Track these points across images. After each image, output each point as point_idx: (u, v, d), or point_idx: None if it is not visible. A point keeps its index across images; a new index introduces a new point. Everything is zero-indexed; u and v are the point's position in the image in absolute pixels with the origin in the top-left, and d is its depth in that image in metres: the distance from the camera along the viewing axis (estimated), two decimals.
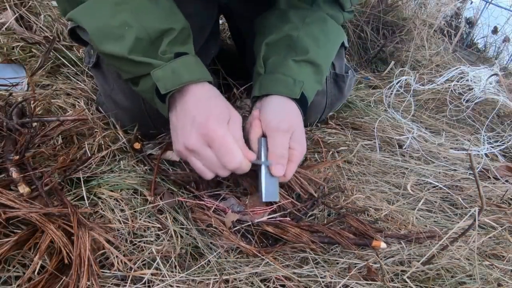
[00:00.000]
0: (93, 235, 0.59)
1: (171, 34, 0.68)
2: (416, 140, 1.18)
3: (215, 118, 0.64)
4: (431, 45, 1.87)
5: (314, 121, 1.14)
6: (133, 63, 0.66)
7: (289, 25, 0.84)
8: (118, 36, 0.65)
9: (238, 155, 0.65)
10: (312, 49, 0.82)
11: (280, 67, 0.80)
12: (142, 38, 0.66)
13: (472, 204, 0.94)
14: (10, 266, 0.55)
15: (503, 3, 2.29)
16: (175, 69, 0.66)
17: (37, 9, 1.24)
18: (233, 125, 0.67)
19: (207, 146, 0.65)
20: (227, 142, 0.64)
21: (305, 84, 0.78)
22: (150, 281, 0.59)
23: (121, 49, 0.65)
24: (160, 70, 0.66)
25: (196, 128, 0.64)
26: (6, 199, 0.59)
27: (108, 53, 0.67)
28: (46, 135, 0.79)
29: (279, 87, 0.77)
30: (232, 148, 0.64)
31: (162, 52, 0.67)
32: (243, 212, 0.71)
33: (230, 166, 0.65)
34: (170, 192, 0.75)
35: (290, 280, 0.63)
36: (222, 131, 0.64)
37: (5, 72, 0.98)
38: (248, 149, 0.69)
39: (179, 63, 0.67)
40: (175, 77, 0.66)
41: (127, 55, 0.65)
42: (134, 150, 0.82)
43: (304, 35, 0.83)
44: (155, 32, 0.66)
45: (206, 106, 0.66)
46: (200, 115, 0.65)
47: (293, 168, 0.73)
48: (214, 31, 1.00)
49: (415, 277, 0.67)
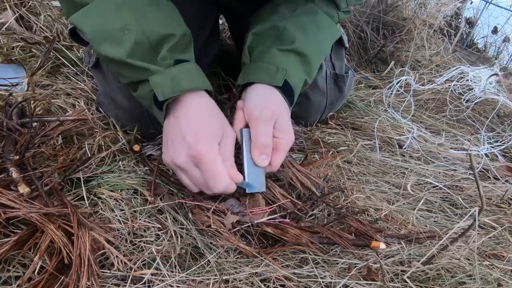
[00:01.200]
0: (93, 235, 0.59)
1: (172, 40, 0.67)
2: (416, 140, 1.18)
3: (206, 139, 0.64)
4: (431, 45, 1.87)
5: (314, 121, 1.14)
6: (131, 68, 0.66)
7: (277, 15, 0.84)
8: (118, 39, 0.65)
9: (223, 180, 0.64)
10: (299, 39, 0.81)
11: (264, 56, 0.79)
12: (141, 43, 0.65)
13: (472, 204, 0.94)
14: (10, 266, 0.55)
15: (503, 3, 2.29)
16: (175, 76, 0.65)
17: (37, 9, 1.24)
18: (225, 143, 0.67)
19: (194, 166, 0.64)
20: (214, 166, 0.63)
21: (289, 72, 0.77)
22: (150, 281, 0.59)
23: (119, 52, 0.64)
24: (159, 76, 0.65)
25: (186, 148, 0.63)
26: (6, 199, 0.59)
27: (107, 56, 0.66)
28: (46, 135, 0.79)
29: (261, 74, 0.76)
30: (219, 174, 0.63)
31: (161, 58, 0.66)
32: (242, 213, 0.71)
33: (215, 190, 0.65)
34: (170, 193, 0.75)
35: (290, 280, 0.63)
36: (211, 154, 0.63)
37: (5, 72, 0.98)
38: (236, 171, 0.67)
39: (179, 70, 0.66)
40: (174, 84, 0.65)
41: (125, 59, 0.64)
42: (134, 152, 0.82)
43: (292, 25, 0.82)
44: (155, 37, 0.66)
45: (197, 123, 0.65)
46: (191, 133, 0.64)
47: (280, 157, 0.71)
48: (214, 31, 1.00)
49: (415, 277, 0.67)
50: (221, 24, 1.43)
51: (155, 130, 0.87)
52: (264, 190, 0.72)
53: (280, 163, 0.72)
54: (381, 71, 1.71)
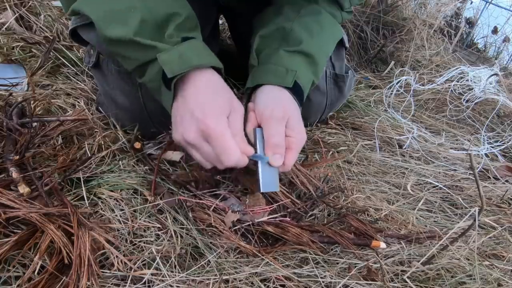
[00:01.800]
0: (93, 235, 0.59)
1: (178, 18, 0.67)
2: (416, 140, 1.18)
3: (214, 113, 0.63)
4: (431, 45, 1.87)
5: (314, 121, 1.14)
6: (139, 47, 0.65)
7: (283, 17, 0.84)
8: (124, 19, 0.64)
9: (234, 154, 0.63)
10: (305, 40, 0.81)
11: (272, 58, 0.79)
12: (148, 21, 0.65)
13: (472, 204, 0.94)
14: (10, 266, 0.55)
15: (503, 3, 2.29)
16: (183, 53, 0.64)
17: (37, 9, 1.24)
18: (233, 117, 0.66)
19: (205, 141, 0.64)
20: (224, 140, 0.63)
21: (298, 73, 0.77)
22: (150, 281, 0.59)
23: (126, 31, 0.64)
24: (166, 53, 0.64)
25: (195, 123, 0.63)
26: (6, 199, 0.59)
27: (114, 37, 0.65)
28: (46, 135, 0.79)
29: (270, 76, 0.76)
30: (229, 147, 0.63)
31: (168, 36, 0.66)
32: (243, 211, 0.71)
33: (227, 163, 0.64)
34: (170, 192, 0.75)
35: (290, 280, 0.63)
36: (220, 128, 0.62)
37: (5, 72, 0.98)
38: (247, 144, 0.67)
39: (186, 47, 0.65)
40: (182, 61, 0.64)
41: (133, 36, 0.64)
42: (135, 150, 0.82)
43: (297, 26, 0.82)
44: (161, 15, 0.65)
45: (205, 99, 0.65)
46: (199, 109, 0.63)
47: (293, 156, 0.71)
48: (213, 31, 1.00)
49: (415, 277, 0.67)
50: (221, 24, 1.43)
51: (155, 129, 0.87)
52: (278, 189, 0.72)
53: (293, 162, 0.72)
54: (381, 71, 1.71)
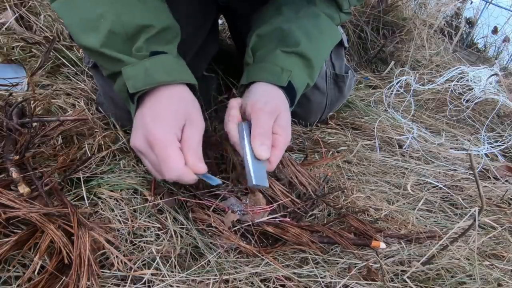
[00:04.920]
0: (93, 235, 0.59)
1: (150, 31, 0.65)
2: (416, 140, 1.18)
3: (162, 122, 0.61)
4: (431, 45, 1.87)
5: (314, 121, 1.14)
6: (105, 58, 0.64)
7: (282, 17, 0.83)
8: (94, 28, 0.63)
9: (175, 166, 0.60)
10: (303, 42, 0.80)
11: (268, 57, 0.79)
12: (117, 33, 0.63)
13: (472, 204, 0.94)
14: (10, 266, 0.55)
15: (503, 3, 2.29)
16: (148, 69, 0.62)
17: (37, 9, 1.24)
18: (190, 131, 0.63)
19: (151, 150, 0.62)
20: (166, 151, 0.60)
21: (293, 74, 0.76)
22: (150, 281, 0.59)
23: (93, 41, 0.63)
24: (131, 68, 0.62)
25: (143, 131, 0.62)
26: (6, 199, 0.59)
27: (84, 46, 0.65)
28: (46, 135, 0.79)
29: (266, 74, 0.76)
30: (170, 160, 0.60)
31: (136, 49, 0.64)
32: (243, 211, 0.71)
33: (166, 175, 0.61)
34: (170, 192, 0.75)
35: (290, 280, 0.63)
36: (164, 138, 0.60)
37: (5, 72, 0.98)
38: (201, 161, 0.63)
39: (153, 62, 0.63)
40: (147, 77, 0.62)
41: (99, 48, 0.63)
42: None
43: (296, 28, 0.81)
44: (132, 27, 0.63)
45: (159, 108, 0.63)
46: (150, 118, 0.62)
47: (277, 154, 0.68)
48: (213, 31, 1.00)
49: (415, 277, 0.67)
50: (221, 24, 1.43)
51: None
52: (267, 185, 0.67)
53: (278, 160, 0.70)
54: (381, 71, 1.71)
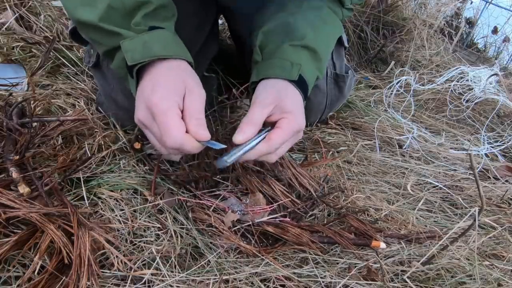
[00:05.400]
0: (93, 235, 0.59)
1: (148, 7, 0.65)
2: (416, 140, 1.18)
3: (162, 90, 0.60)
4: (431, 45, 1.87)
5: (314, 121, 1.14)
6: (103, 33, 0.64)
7: (286, 12, 0.83)
8: (92, 3, 0.63)
9: (176, 133, 0.58)
10: (309, 34, 0.80)
11: (276, 52, 0.78)
12: (116, 8, 0.63)
13: (472, 204, 0.94)
14: (10, 266, 0.55)
15: (503, 3, 2.29)
16: (147, 42, 0.63)
17: (37, 9, 1.24)
18: (190, 99, 0.62)
19: (153, 120, 0.61)
20: (166, 119, 0.58)
21: (303, 67, 0.76)
22: (150, 281, 0.59)
23: (92, 16, 0.63)
24: (130, 41, 0.63)
25: (144, 101, 0.61)
26: (6, 199, 0.59)
27: (80, 20, 0.65)
28: (46, 135, 0.79)
29: (276, 70, 0.75)
30: (170, 126, 0.58)
31: (135, 24, 0.64)
32: (243, 211, 0.71)
33: (167, 144, 0.59)
34: (170, 192, 0.75)
35: (290, 280, 0.63)
36: (164, 105, 0.59)
37: (5, 72, 0.98)
38: (204, 128, 0.61)
39: (152, 36, 0.64)
40: (145, 50, 0.62)
41: (97, 22, 0.63)
42: (135, 150, 0.82)
43: (300, 21, 0.81)
44: (130, 2, 0.64)
45: (157, 79, 0.62)
46: (149, 88, 0.61)
47: (280, 135, 0.66)
48: (213, 31, 1.00)
49: (415, 277, 0.67)
50: (221, 24, 1.43)
51: None
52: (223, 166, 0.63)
53: (279, 142, 0.66)
54: (381, 71, 1.71)
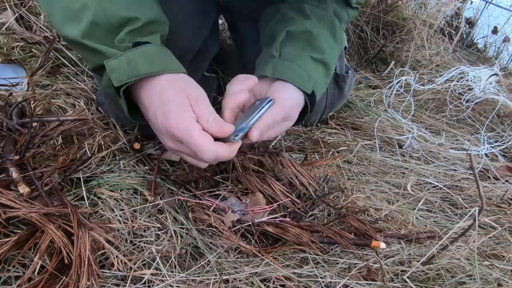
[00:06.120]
0: (93, 235, 0.59)
1: (134, 23, 0.63)
2: (416, 140, 1.18)
3: (175, 113, 0.59)
4: (431, 45, 1.87)
5: (314, 121, 1.14)
6: (88, 50, 0.62)
7: (310, 21, 0.84)
8: (76, 19, 0.61)
9: (208, 148, 0.59)
10: (326, 50, 0.82)
11: (297, 59, 0.79)
12: (100, 24, 0.61)
13: (472, 204, 0.94)
14: (10, 266, 0.55)
15: (503, 3, 2.29)
16: (131, 60, 0.60)
17: (37, 9, 1.24)
18: (197, 106, 0.61)
19: (181, 143, 0.61)
20: (192, 139, 0.59)
21: (317, 83, 0.78)
22: (150, 281, 0.59)
23: (75, 32, 0.61)
24: (115, 60, 0.60)
25: (164, 130, 0.61)
26: (6, 199, 0.59)
27: (66, 37, 0.63)
28: (46, 135, 0.79)
29: (296, 77, 0.76)
30: (200, 144, 0.59)
31: (119, 41, 0.62)
32: (243, 211, 0.71)
33: (206, 160, 0.61)
34: (170, 192, 0.75)
35: (290, 280, 0.63)
36: (184, 127, 0.59)
37: (5, 72, 0.98)
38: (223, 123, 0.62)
39: (136, 53, 0.61)
40: (130, 69, 0.60)
41: (81, 39, 0.61)
42: (134, 150, 0.82)
43: (321, 36, 0.83)
44: (116, 19, 0.61)
45: (160, 100, 0.61)
46: (159, 115, 0.60)
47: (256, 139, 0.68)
48: (213, 31, 1.00)
49: (415, 277, 0.67)
50: (221, 24, 1.43)
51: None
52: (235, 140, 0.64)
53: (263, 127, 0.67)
54: (381, 71, 1.71)
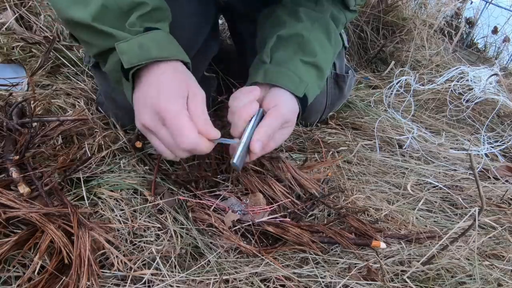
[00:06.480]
0: (93, 235, 0.59)
1: (144, 8, 0.64)
2: (416, 140, 1.18)
3: (169, 95, 0.60)
4: (431, 45, 1.87)
5: (315, 121, 1.14)
6: (96, 33, 0.63)
7: (302, 24, 0.84)
8: (84, 1, 0.62)
9: (190, 135, 0.59)
10: (319, 53, 0.81)
11: (287, 63, 0.79)
12: (110, 8, 0.62)
13: (472, 204, 0.94)
14: (10, 266, 0.56)
15: (503, 3, 2.29)
16: (143, 44, 0.61)
17: (37, 9, 1.24)
18: (193, 102, 0.63)
19: (161, 124, 0.61)
20: (178, 121, 0.59)
21: (309, 86, 0.78)
22: (150, 281, 0.59)
23: (85, 15, 0.61)
24: (125, 43, 0.61)
25: (149, 106, 0.61)
26: (6, 199, 0.59)
27: (73, 19, 0.62)
28: (46, 135, 0.79)
29: (286, 81, 0.76)
30: (184, 127, 0.59)
31: (129, 24, 0.63)
32: (243, 211, 0.71)
33: (183, 146, 0.60)
34: (170, 192, 0.75)
35: (290, 280, 0.63)
36: (174, 108, 0.59)
37: (5, 72, 0.98)
38: (212, 127, 0.63)
39: (148, 37, 0.62)
40: (142, 52, 0.61)
41: (91, 21, 0.61)
42: (136, 149, 0.82)
43: (314, 39, 0.82)
44: (125, 3, 0.62)
45: (159, 82, 0.62)
46: (153, 91, 0.61)
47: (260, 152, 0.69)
48: (213, 31, 1.00)
49: (415, 277, 0.67)
50: (221, 24, 1.43)
51: None
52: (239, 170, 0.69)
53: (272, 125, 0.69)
54: (381, 71, 1.71)
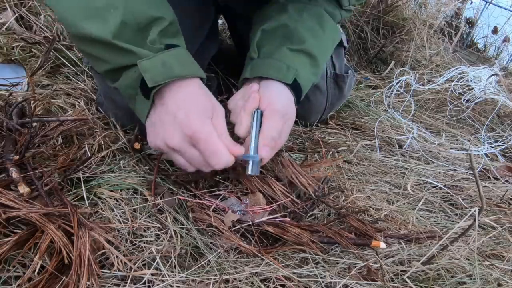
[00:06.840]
0: (93, 235, 0.59)
1: (161, 23, 0.64)
2: (416, 140, 1.18)
3: (197, 116, 0.61)
4: (431, 45, 1.87)
5: (314, 121, 1.14)
6: (116, 50, 0.61)
7: (287, 15, 0.83)
8: (102, 17, 0.60)
9: (224, 156, 0.62)
10: (308, 40, 0.80)
11: (274, 54, 0.78)
12: (128, 24, 0.61)
13: (472, 204, 0.94)
14: (10, 266, 0.55)
15: (503, 3, 2.29)
16: (166, 62, 0.62)
17: (37, 9, 1.24)
18: (216, 120, 0.64)
19: (191, 145, 0.62)
20: (213, 143, 0.61)
21: (299, 72, 0.76)
22: (150, 281, 0.59)
23: (104, 32, 0.59)
24: (148, 60, 0.61)
25: (179, 127, 0.61)
26: (6, 199, 0.59)
27: (90, 35, 0.60)
28: (46, 135, 0.79)
29: (271, 71, 0.75)
30: (218, 149, 0.62)
31: (151, 42, 0.62)
32: (243, 211, 0.71)
33: (216, 166, 0.63)
34: (170, 192, 0.75)
35: (290, 280, 0.63)
36: (206, 129, 0.61)
37: (5, 72, 0.98)
38: (236, 143, 0.65)
39: (170, 55, 0.63)
40: (165, 70, 0.61)
41: (111, 39, 0.60)
42: (134, 150, 0.82)
43: (301, 27, 0.81)
44: (144, 18, 0.62)
45: (186, 103, 0.63)
46: (182, 112, 0.61)
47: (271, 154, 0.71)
48: (212, 31, 1.00)
49: (415, 277, 0.67)
50: (221, 24, 1.43)
51: None
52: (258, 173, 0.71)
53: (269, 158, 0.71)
54: (381, 71, 1.71)
